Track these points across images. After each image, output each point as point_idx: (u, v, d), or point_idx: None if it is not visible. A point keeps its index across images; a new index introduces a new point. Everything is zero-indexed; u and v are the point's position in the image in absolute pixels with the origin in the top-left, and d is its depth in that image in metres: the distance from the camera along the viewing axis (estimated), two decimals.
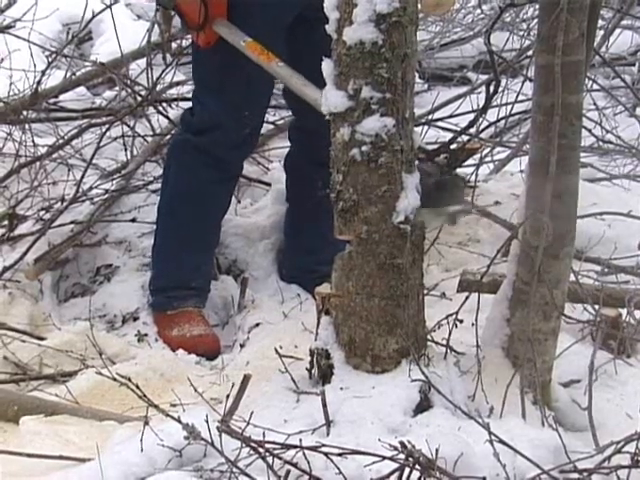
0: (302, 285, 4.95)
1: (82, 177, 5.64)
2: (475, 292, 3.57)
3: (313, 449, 2.83)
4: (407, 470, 2.76)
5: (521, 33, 7.45)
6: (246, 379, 3.30)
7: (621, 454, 2.99)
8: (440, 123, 6.38)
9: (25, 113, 6.52)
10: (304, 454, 2.80)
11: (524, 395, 3.28)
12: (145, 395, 3.15)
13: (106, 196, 5.51)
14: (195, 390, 3.49)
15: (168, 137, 6.12)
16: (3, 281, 4.84)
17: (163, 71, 6.90)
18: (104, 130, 6.16)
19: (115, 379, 3.31)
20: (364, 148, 3.26)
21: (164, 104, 6.54)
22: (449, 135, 6.06)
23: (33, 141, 6.19)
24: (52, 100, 6.87)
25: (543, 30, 3.19)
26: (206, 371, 4.27)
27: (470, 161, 5.97)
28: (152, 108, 6.37)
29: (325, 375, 3.44)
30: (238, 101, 4.57)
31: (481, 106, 6.15)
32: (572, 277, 3.64)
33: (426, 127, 6.28)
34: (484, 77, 6.89)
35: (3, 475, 3.16)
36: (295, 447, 2.83)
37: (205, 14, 4.35)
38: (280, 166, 6.00)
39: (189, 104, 6.56)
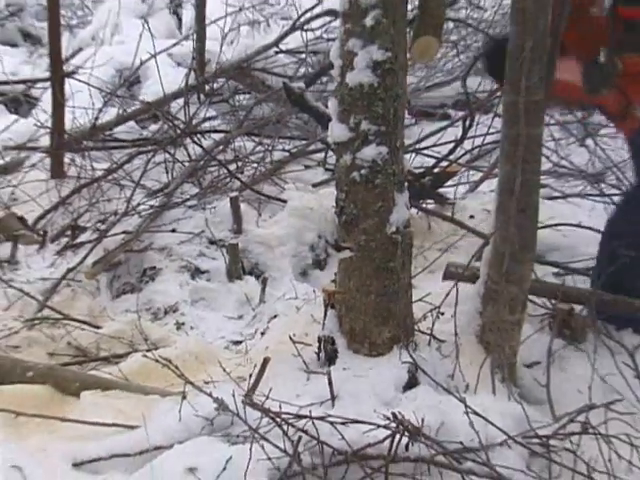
0: None
1: (131, 195, 5.66)
2: (458, 281, 3.58)
3: (321, 419, 2.83)
4: (398, 436, 2.77)
5: (491, 77, 7.46)
6: (266, 361, 3.29)
7: (574, 423, 3.01)
8: (425, 151, 6.38)
9: (85, 143, 6.54)
10: (313, 423, 2.80)
11: (494, 375, 3.27)
12: (183, 374, 3.16)
13: (151, 211, 5.51)
14: (224, 370, 3.49)
15: (202, 162, 6.14)
16: (67, 280, 4.85)
17: (198, 108, 6.95)
18: (150, 157, 6.19)
19: (158, 361, 3.32)
20: (363, 171, 3.26)
21: (199, 135, 6.56)
22: (432, 161, 6.09)
23: (92, 166, 6.22)
24: (107, 132, 6.89)
25: (510, 75, 3.18)
26: (233, 354, 4.26)
27: (450, 182, 6.00)
28: (189, 139, 6.38)
29: (331, 358, 3.44)
30: None
31: (458, 137, 6.21)
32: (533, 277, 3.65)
33: (414, 154, 6.28)
34: (461, 113, 6.87)
35: (67, 440, 3.16)
36: (306, 417, 2.83)
37: (626, 102, 3.76)
38: (293, 186, 6.01)
39: (219, 135, 6.61)
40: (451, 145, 6.25)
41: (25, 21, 11.44)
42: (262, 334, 4.48)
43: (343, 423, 2.83)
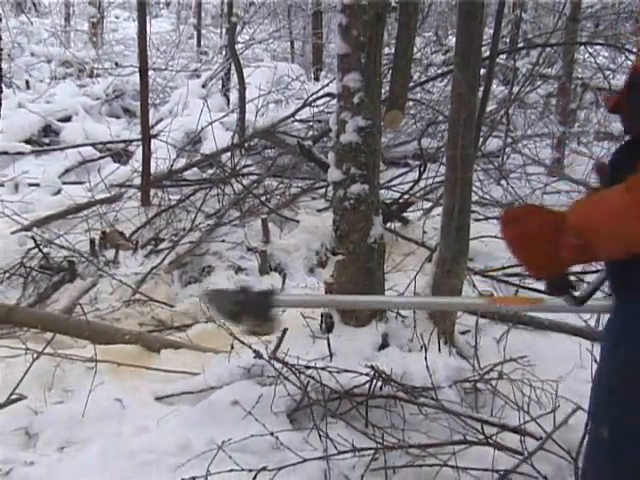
0: None
1: (195, 217, 5.66)
2: (414, 278, 3.57)
3: (322, 369, 2.83)
4: (375, 381, 2.76)
5: (438, 138, 7.46)
6: (285, 330, 3.28)
7: (493, 371, 2.99)
8: (393, 188, 6.37)
9: (164, 182, 6.55)
10: (317, 371, 2.80)
11: (440, 339, 3.26)
12: (233, 332, 3.17)
13: (208, 228, 5.51)
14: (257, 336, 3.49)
15: (242, 195, 6.14)
16: (152, 274, 4.86)
17: (240, 158, 6.96)
18: (207, 191, 6.19)
19: (219, 325, 3.35)
20: (351, 202, 3.26)
21: (240, 177, 6.55)
22: (398, 194, 6.09)
23: (168, 197, 6.23)
24: (179, 175, 6.89)
25: (450, 136, 3.19)
26: None
27: (410, 208, 6.00)
28: (234, 179, 6.39)
29: (329, 328, 3.43)
30: None
31: (416, 178, 6.20)
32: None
33: (386, 190, 6.28)
34: (417, 162, 6.87)
35: (151, 382, 3.16)
36: (312, 367, 2.83)
37: None
38: (304, 211, 6.02)
39: (254, 177, 6.60)
40: (410, 184, 6.26)
41: (125, 101, 11.51)
42: (283, 311, 4.47)
43: (338, 372, 2.83)
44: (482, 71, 3.48)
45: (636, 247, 1.33)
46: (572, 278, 1.56)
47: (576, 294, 1.59)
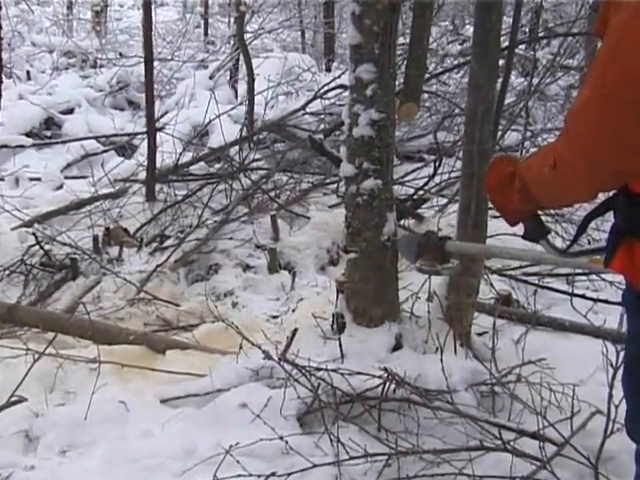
0: None
1: (201, 213, 5.68)
2: (430, 275, 3.56)
3: (334, 371, 2.83)
4: (388, 383, 2.77)
5: (454, 132, 7.44)
6: (295, 330, 3.29)
7: (511, 374, 2.99)
8: (407, 183, 6.36)
9: (170, 177, 6.57)
10: (328, 373, 2.81)
11: (455, 340, 3.25)
12: (241, 332, 3.21)
13: (215, 224, 5.53)
14: (266, 336, 3.48)
15: (251, 191, 6.15)
16: (157, 272, 4.88)
17: (248, 153, 6.96)
18: (214, 186, 6.21)
19: (226, 323, 3.43)
20: (364, 197, 3.26)
21: (249, 171, 6.56)
22: (412, 190, 6.08)
23: (174, 193, 6.25)
24: (185, 169, 6.91)
25: (467, 129, 3.18)
26: (272, 325, 4.26)
27: (425, 205, 5.99)
28: (242, 174, 6.39)
29: (341, 328, 3.42)
30: None
31: (431, 174, 6.19)
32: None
33: (400, 185, 6.27)
34: (433, 157, 6.85)
35: (156, 383, 3.17)
36: (323, 369, 2.83)
37: None
38: (315, 207, 6.03)
39: (263, 172, 6.61)
40: (425, 179, 6.25)
41: (130, 92, 11.51)
42: (293, 311, 4.49)
43: (349, 374, 2.83)
44: (500, 62, 3.47)
45: (563, 203, 1.58)
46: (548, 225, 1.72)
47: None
